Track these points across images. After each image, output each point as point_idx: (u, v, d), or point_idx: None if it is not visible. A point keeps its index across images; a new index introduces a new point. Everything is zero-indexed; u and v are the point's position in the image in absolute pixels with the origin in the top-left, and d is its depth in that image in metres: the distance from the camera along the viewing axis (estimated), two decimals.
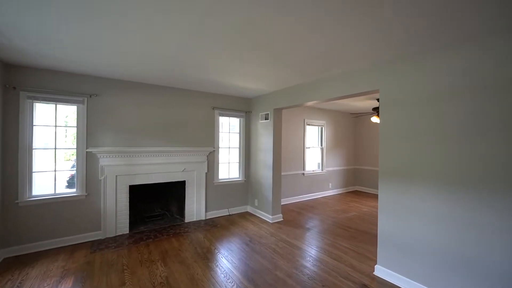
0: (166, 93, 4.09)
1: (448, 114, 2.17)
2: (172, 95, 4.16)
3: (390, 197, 2.57)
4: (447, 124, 2.18)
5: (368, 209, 5.26)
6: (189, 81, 3.71)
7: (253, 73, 3.25)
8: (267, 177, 4.52)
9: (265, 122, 4.59)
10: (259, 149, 4.76)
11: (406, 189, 2.44)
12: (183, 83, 3.88)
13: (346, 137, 7.27)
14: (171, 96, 4.14)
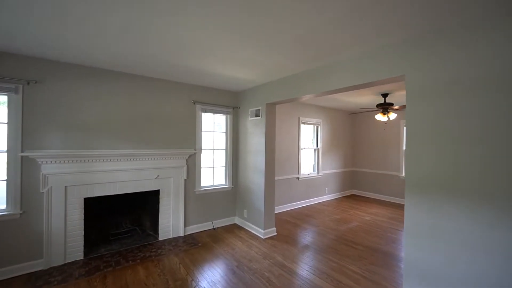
0: (135, 82, 3.32)
1: (500, 109, 1.58)
2: (143, 86, 3.39)
3: (422, 216, 1.96)
4: (497, 121, 1.59)
5: (371, 218, 4.69)
6: (163, 67, 2.97)
7: (243, 57, 2.56)
8: (258, 183, 3.84)
9: (255, 119, 3.91)
10: (249, 151, 4.07)
11: (447, 206, 1.83)
12: (156, 71, 3.13)
13: (343, 137, 6.72)
14: (141, 86, 3.38)
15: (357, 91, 4.21)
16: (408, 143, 2.06)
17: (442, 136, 1.86)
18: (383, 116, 4.31)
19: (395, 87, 3.87)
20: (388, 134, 6.16)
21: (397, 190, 5.95)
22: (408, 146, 2.06)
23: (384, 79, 2.21)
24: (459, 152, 1.77)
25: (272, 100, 3.55)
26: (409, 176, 2.05)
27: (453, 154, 1.80)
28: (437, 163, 1.88)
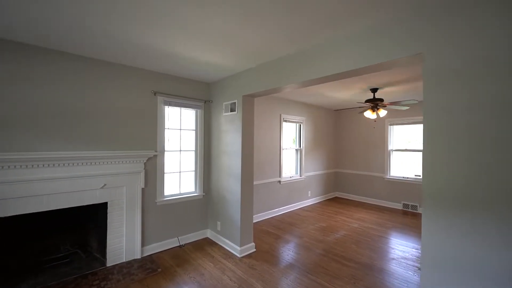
0: (73, 64, 2.54)
1: None
2: (85, 69, 2.62)
3: (444, 238, 1.48)
4: None
5: (358, 225, 4.29)
6: (111, 45, 2.24)
7: (212, 28, 1.93)
8: (233, 190, 3.23)
9: (230, 114, 3.29)
10: (223, 152, 3.44)
11: (482, 228, 1.37)
12: (101, 50, 2.39)
13: (327, 136, 6.33)
14: (83, 70, 2.61)
15: (343, 85, 3.77)
16: (427, 142, 1.58)
17: (472, 133, 1.39)
18: (373, 113, 3.92)
19: (386, 80, 3.48)
20: (373, 134, 5.86)
21: (382, 193, 5.67)
22: (427, 145, 1.58)
23: (395, 60, 1.71)
24: (497, 156, 1.31)
25: (250, 92, 2.96)
26: (427, 184, 1.57)
27: (489, 157, 1.33)
28: (467, 168, 1.41)
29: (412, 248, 3.36)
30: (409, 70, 3.01)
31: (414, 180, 5.18)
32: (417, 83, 3.57)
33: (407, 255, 3.15)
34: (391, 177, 5.54)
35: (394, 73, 3.11)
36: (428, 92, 1.54)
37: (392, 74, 3.18)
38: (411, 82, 3.52)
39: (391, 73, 3.13)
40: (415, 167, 5.29)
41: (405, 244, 3.49)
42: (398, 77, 3.32)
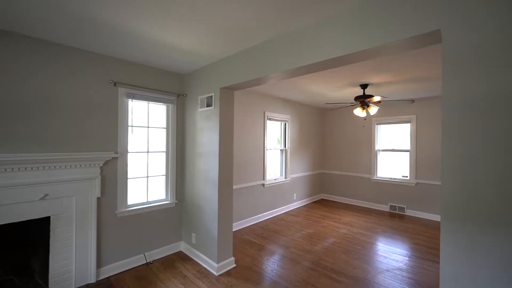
0: (8, 44, 1.99)
1: None
2: (27, 52, 2.07)
3: (469, 258, 1.16)
4: None
5: (347, 231, 4.02)
6: (56, 20, 1.72)
7: (188, 6, 1.50)
8: (209, 197, 2.80)
9: (207, 110, 2.86)
10: (198, 154, 3.00)
11: None
12: (45, 28, 1.86)
13: (314, 136, 6.05)
14: (23, 52, 2.05)
15: (331, 80, 3.46)
16: (446, 140, 1.25)
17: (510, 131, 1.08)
18: (363, 111, 3.66)
19: (377, 77, 3.21)
20: (360, 133, 5.67)
21: (369, 194, 5.48)
22: (448, 145, 1.25)
23: (405, 39, 1.38)
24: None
25: (229, 83, 2.54)
26: (448, 197, 1.24)
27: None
28: (501, 175, 1.10)
29: (405, 257, 3.12)
30: (401, 69, 2.76)
31: (401, 181, 5.02)
32: (410, 83, 3.34)
33: (401, 265, 2.89)
34: (378, 178, 5.36)
35: (385, 70, 2.83)
36: (448, 78, 1.22)
37: (384, 71, 2.91)
38: (403, 80, 3.28)
39: (382, 70, 2.86)
40: (401, 168, 5.14)
41: (398, 252, 3.24)
42: (390, 74, 3.06)
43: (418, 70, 2.94)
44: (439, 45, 2.14)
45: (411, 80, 3.34)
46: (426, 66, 2.79)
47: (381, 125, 5.40)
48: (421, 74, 3.09)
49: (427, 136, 4.73)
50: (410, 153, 4.93)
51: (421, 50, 2.38)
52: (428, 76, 3.15)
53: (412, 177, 4.89)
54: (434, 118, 4.64)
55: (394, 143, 5.27)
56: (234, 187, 3.97)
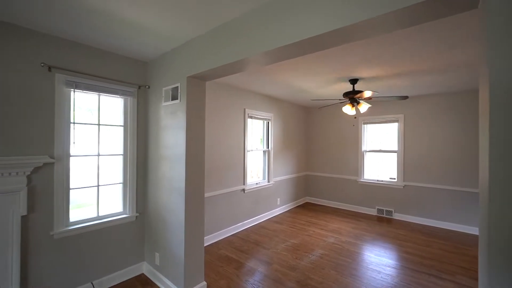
0: None
1: None
2: None
3: None
4: None
5: (335, 240, 3.67)
6: None
7: None
8: (175, 210, 2.29)
9: (171, 104, 2.36)
10: (163, 157, 2.48)
11: None
12: None
13: (298, 136, 5.69)
14: None
15: (317, 75, 3.09)
16: (494, 143, 0.87)
17: None
18: (352, 108, 3.33)
19: (367, 71, 2.88)
20: (346, 133, 5.39)
21: (356, 197, 5.22)
22: (494, 148, 0.86)
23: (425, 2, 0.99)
24: None
25: (198, 71, 2.06)
26: (499, 217, 0.86)
27: None
28: None
29: (399, 270, 2.81)
30: (393, 61, 2.43)
31: (389, 183, 4.80)
32: (401, 78, 3.05)
33: (397, 282, 2.57)
34: (365, 180, 5.11)
35: (376, 62, 2.50)
36: (497, 54, 0.84)
37: (375, 64, 2.57)
38: (395, 74, 2.98)
39: (373, 63, 2.52)
40: (389, 169, 4.92)
41: (391, 265, 2.93)
42: (381, 68, 2.73)
43: (410, 63, 2.64)
44: (435, 32, 1.82)
45: (403, 74, 3.04)
46: (419, 58, 2.49)
47: (368, 125, 5.15)
48: (414, 67, 2.79)
49: (415, 136, 4.53)
50: (397, 154, 4.72)
51: (416, 40, 2.06)
52: (421, 69, 2.87)
53: (400, 179, 4.68)
54: (422, 117, 4.45)
55: (382, 144, 5.04)
56: (210, 194, 3.49)
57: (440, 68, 2.80)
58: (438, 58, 2.48)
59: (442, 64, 2.65)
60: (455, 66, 2.70)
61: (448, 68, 2.78)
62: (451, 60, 2.54)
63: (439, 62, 2.59)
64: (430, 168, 4.35)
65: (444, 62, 2.60)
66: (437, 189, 4.27)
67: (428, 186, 4.35)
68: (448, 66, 2.70)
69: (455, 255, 3.19)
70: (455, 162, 4.11)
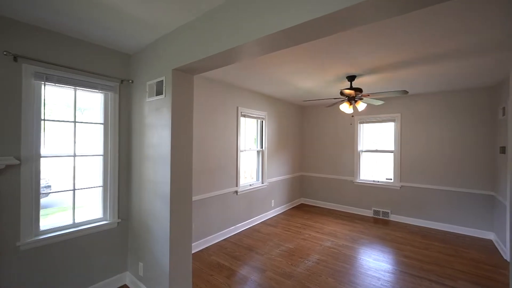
0: None
1: None
2: None
3: None
4: None
5: (331, 244, 3.53)
6: None
7: None
8: (159, 216, 2.09)
9: (156, 100, 2.15)
10: (147, 158, 2.27)
11: None
12: None
13: (293, 135, 5.54)
14: None
15: (314, 70, 2.93)
16: None
17: None
18: (350, 106, 3.18)
19: (367, 64, 2.74)
20: (342, 133, 5.26)
21: (351, 198, 5.10)
22: None
23: None
24: None
25: (184, 62, 1.87)
26: None
27: None
28: None
29: (398, 275, 2.68)
30: (393, 53, 2.30)
31: (385, 184, 4.69)
32: (400, 70, 2.92)
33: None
34: (361, 181, 4.99)
35: (374, 56, 2.35)
36: None
37: (374, 58, 2.43)
38: (395, 68, 2.85)
39: (372, 56, 2.37)
40: (385, 170, 4.82)
41: (390, 270, 2.80)
42: (380, 61, 2.59)
43: (412, 51, 2.50)
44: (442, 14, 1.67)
45: (404, 64, 2.91)
46: (422, 44, 2.35)
47: (364, 124, 5.04)
48: (414, 55, 2.66)
49: (412, 136, 4.43)
50: (394, 154, 4.61)
51: (416, 27, 1.92)
52: (423, 56, 2.73)
53: (396, 180, 4.58)
54: (419, 116, 4.35)
55: (378, 144, 4.93)
56: (201, 197, 3.29)
57: (444, 54, 2.68)
58: (442, 44, 2.34)
59: (446, 50, 2.53)
60: (457, 53, 2.57)
61: (450, 54, 2.65)
62: (454, 46, 2.41)
63: (443, 48, 2.46)
64: (427, 168, 4.26)
65: (450, 47, 2.48)
66: (434, 190, 4.18)
67: (425, 186, 4.26)
68: (454, 51, 2.56)
69: (454, 258, 3.09)
70: (452, 162, 4.03)
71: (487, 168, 3.75)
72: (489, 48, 2.26)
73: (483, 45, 2.19)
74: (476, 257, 3.11)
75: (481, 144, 3.80)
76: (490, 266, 2.89)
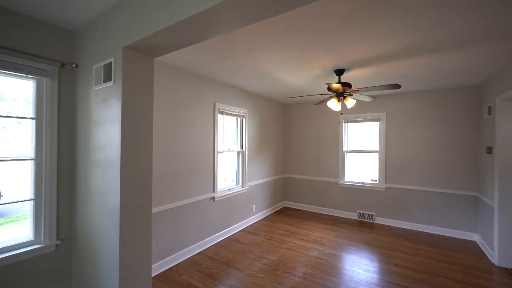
0: None
1: None
2: None
3: None
4: None
5: (318, 253, 3.23)
6: None
7: None
8: (107, 235, 1.62)
9: (104, 88, 1.67)
10: (94, 163, 1.78)
11: None
12: None
13: (275, 134, 5.21)
14: None
15: (299, 63, 2.60)
16: None
17: None
18: (338, 103, 2.89)
19: (355, 56, 2.46)
20: (326, 132, 5.03)
21: (336, 201, 4.88)
22: None
23: None
24: None
25: (138, 37, 1.42)
26: None
27: None
28: None
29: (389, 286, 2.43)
30: (380, 43, 2.04)
31: (370, 186, 4.52)
32: (391, 62, 2.69)
33: None
34: (346, 182, 4.79)
35: (363, 46, 2.08)
36: None
37: (363, 49, 2.15)
38: (384, 60, 2.61)
39: (361, 47, 2.10)
40: (370, 171, 4.65)
41: (382, 283, 2.54)
42: (368, 53, 2.32)
43: (408, 35, 2.26)
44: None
45: (393, 55, 2.68)
46: (407, 33, 2.11)
47: (349, 124, 4.84)
48: (408, 42, 2.42)
49: (397, 136, 4.29)
50: (379, 154, 4.45)
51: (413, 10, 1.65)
52: (410, 46, 2.51)
53: (381, 181, 4.42)
54: (405, 115, 4.22)
55: (363, 144, 4.75)
56: (169, 206, 2.82)
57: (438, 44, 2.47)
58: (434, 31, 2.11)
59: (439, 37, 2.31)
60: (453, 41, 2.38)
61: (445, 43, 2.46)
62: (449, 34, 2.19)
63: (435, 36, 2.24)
64: (412, 169, 4.14)
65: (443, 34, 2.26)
66: (419, 191, 4.07)
67: (410, 188, 4.13)
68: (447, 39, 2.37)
69: (445, 264, 2.92)
70: (436, 162, 3.93)
71: (471, 168, 3.68)
72: (475, 41, 2.07)
73: (467, 38, 1.99)
74: (466, 263, 2.97)
75: (464, 144, 3.73)
76: (481, 272, 2.75)
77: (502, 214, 2.84)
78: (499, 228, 2.85)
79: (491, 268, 2.84)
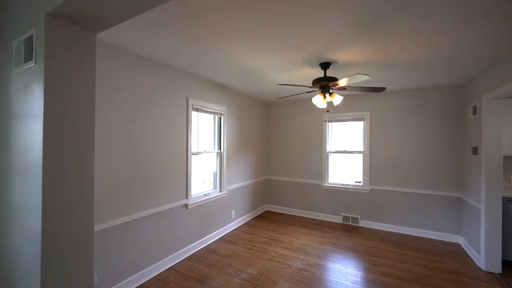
0: None
1: None
2: None
3: None
4: None
5: (302, 263, 2.96)
6: None
7: None
8: (26, 266, 1.20)
9: (24, 71, 1.26)
10: (13, 168, 1.35)
11: None
12: None
13: (256, 134, 4.90)
14: None
15: (280, 52, 2.32)
16: None
17: None
18: (324, 99, 2.64)
19: (344, 44, 2.22)
20: (309, 132, 4.81)
21: (320, 204, 4.67)
22: None
23: None
24: None
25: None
26: None
27: None
28: None
29: None
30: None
31: (355, 188, 4.36)
32: (376, 55, 2.48)
33: None
34: (330, 184, 4.60)
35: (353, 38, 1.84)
36: None
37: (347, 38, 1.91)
38: (369, 57, 2.39)
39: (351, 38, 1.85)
40: (354, 172, 4.49)
41: None
42: (354, 44, 2.09)
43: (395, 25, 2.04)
44: None
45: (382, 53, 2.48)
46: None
47: (333, 123, 4.65)
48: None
49: (382, 136, 4.16)
50: (363, 155, 4.30)
51: None
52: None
53: (366, 182, 4.27)
54: (389, 115, 4.10)
55: (347, 144, 4.59)
56: (131, 218, 2.40)
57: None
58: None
59: None
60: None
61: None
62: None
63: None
64: (396, 170, 4.02)
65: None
66: (403, 192, 3.96)
67: (395, 189, 4.01)
68: None
69: (434, 272, 2.78)
70: (421, 163, 3.84)
71: (454, 169, 3.62)
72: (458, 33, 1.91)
73: None
74: (454, 268, 2.85)
75: (449, 144, 3.66)
76: (469, 279, 2.63)
77: (489, 218, 2.75)
78: (486, 232, 2.76)
79: (479, 273, 2.74)
